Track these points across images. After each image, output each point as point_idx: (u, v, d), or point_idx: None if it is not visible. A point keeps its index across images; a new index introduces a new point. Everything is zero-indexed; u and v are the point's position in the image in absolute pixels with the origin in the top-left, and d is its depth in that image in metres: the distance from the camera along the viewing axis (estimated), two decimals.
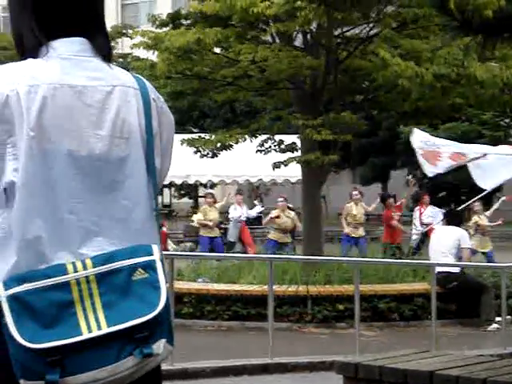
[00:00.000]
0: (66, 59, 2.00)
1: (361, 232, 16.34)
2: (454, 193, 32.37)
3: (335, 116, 12.07)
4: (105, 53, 2.07)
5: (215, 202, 17.95)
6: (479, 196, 14.33)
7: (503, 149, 13.34)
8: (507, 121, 30.44)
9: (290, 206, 17.41)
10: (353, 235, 16.26)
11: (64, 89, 1.97)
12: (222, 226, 19.86)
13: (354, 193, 16.84)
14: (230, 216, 19.08)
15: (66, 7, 2.03)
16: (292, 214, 16.93)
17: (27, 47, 2.04)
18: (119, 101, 2.02)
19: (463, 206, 15.40)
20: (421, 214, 17.71)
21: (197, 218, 17.96)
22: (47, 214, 1.93)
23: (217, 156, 13.48)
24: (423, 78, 10.86)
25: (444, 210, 16.74)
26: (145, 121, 2.05)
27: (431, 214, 17.28)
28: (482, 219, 15.49)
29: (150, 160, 2.05)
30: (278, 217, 16.58)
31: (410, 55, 11.53)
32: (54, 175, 1.94)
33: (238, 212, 18.82)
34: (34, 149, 1.92)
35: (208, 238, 17.10)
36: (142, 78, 2.13)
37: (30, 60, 2.01)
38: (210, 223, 17.06)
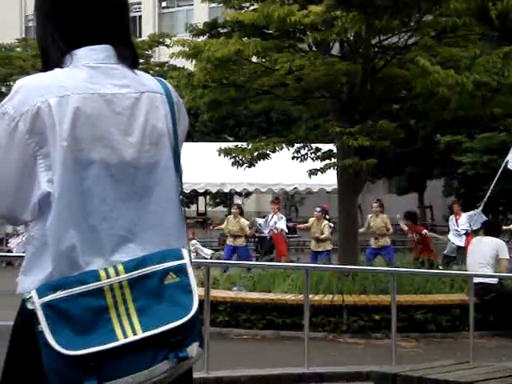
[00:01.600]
0: (93, 68, 2.02)
1: (382, 243, 16.36)
2: (492, 203, 32.05)
3: (372, 124, 12.00)
4: (129, 59, 2.08)
5: (241, 213, 18.20)
6: None
7: None
8: None
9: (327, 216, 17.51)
10: (374, 246, 16.34)
11: (94, 98, 1.99)
12: (257, 234, 19.87)
13: (374, 205, 16.96)
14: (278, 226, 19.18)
15: (88, 16, 2.04)
16: (324, 223, 17.01)
17: (51, 57, 2.05)
18: (147, 107, 2.04)
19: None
20: (456, 220, 17.71)
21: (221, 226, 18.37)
22: (81, 222, 1.94)
23: (254, 165, 13.47)
24: (464, 86, 10.76)
25: (479, 210, 16.64)
26: (172, 126, 2.07)
27: (467, 220, 17.24)
28: None
29: (177, 164, 2.07)
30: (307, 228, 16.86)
31: (449, 64, 11.43)
32: (88, 184, 1.95)
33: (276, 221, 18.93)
34: (68, 159, 1.94)
35: (231, 246, 17.34)
36: (164, 81, 2.14)
37: (57, 70, 2.01)
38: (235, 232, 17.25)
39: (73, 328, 1.83)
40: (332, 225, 17.26)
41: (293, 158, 13.74)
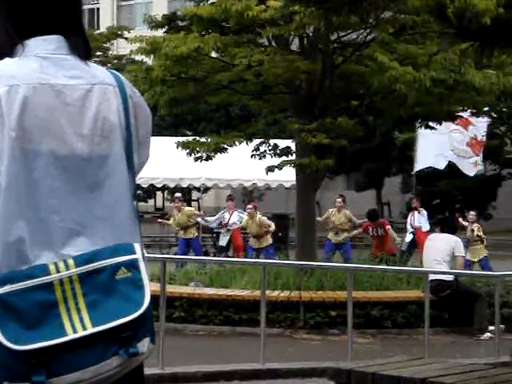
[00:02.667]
0: (44, 58, 1.99)
1: (340, 238, 16.52)
2: (448, 200, 32.40)
3: (331, 121, 12.03)
4: (82, 51, 2.05)
5: (183, 205, 18.33)
6: None
7: None
8: (503, 128, 30.46)
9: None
10: (333, 241, 16.48)
11: (44, 88, 1.96)
12: (215, 230, 19.88)
13: (338, 200, 17.19)
14: (224, 222, 19.24)
15: (41, 6, 2.02)
16: (257, 217, 17.01)
17: (2, 47, 2.02)
18: (99, 99, 2.01)
19: None
20: (412, 219, 18.24)
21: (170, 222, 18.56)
22: (29, 214, 1.91)
23: (211, 159, 13.44)
24: (421, 82, 10.84)
25: (428, 220, 17.15)
26: (124, 118, 2.04)
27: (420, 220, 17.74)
28: (479, 228, 15.71)
29: (130, 158, 2.05)
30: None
31: (407, 60, 11.50)
32: (36, 176, 1.92)
33: (231, 218, 18.97)
34: (16, 150, 1.91)
35: (184, 239, 17.49)
36: (117, 73, 2.11)
37: (7, 59, 1.99)
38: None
39: (21, 322, 1.80)
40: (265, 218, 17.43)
41: (252, 155, 13.73)
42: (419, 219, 18.07)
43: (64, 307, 1.84)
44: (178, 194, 19.37)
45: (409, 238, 18.05)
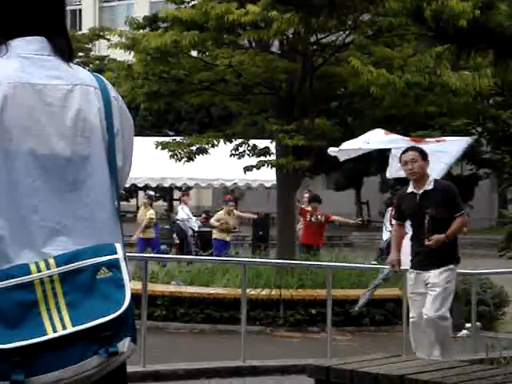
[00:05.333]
0: (26, 58, 1.99)
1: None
2: None
3: (309, 122, 12.15)
4: (64, 52, 2.06)
5: (151, 203, 18.35)
6: None
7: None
8: (479, 129, 30.69)
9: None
10: None
11: (25, 87, 1.95)
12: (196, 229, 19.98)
13: (305, 195, 17.08)
14: (177, 216, 19.33)
15: (24, 8, 2.03)
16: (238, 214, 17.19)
17: None
18: (80, 100, 2.01)
19: None
20: (391, 215, 18.05)
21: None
22: (9, 213, 1.91)
23: (193, 160, 13.51)
24: (395, 85, 10.99)
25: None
26: (106, 120, 2.04)
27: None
28: None
29: (111, 159, 2.04)
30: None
31: (383, 63, 11.64)
32: (16, 175, 1.92)
33: (186, 212, 19.11)
34: None
35: (143, 239, 17.43)
36: (101, 76, 2.12)
37: None
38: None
39: (1, 322, 1.81)
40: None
41: (231, 155, 13.82)
42: None
43: (44, 307, 1.84)
44: (151, 193, 19.47)
45: (387, 235, 18.02)
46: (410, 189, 7.62)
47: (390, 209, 18.65)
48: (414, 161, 7.53)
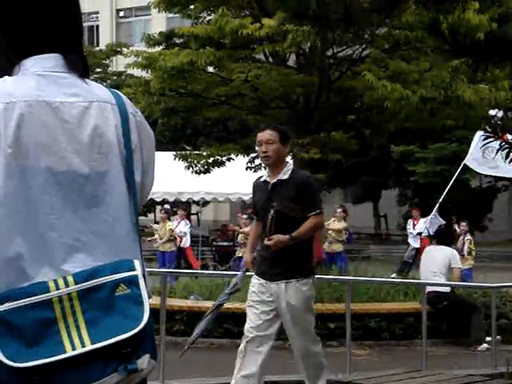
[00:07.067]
0: (42, 76, 2.00)
1: (335, 248, 16.66)
2: (445, 212, 32.45)
3: (325, 135, 12.17)
4: (79, 69, 2.05)
5: (169, 217, 18.51)
6: None
7: None
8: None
9: None
10: (327, 250, 16.55)
11: (41, 105, 1.96)
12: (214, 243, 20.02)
13: (339, 210, 17.53)
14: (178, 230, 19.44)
15: (39, 26, 2.03)
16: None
17: (1, 68, 2.03)
18: (97, 116, 2.00)
19: None
20: (414, 225, 18.18)
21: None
22: (27, 231, 1.91)
23: (209, 172, 13.56)
24: (409, 100, 10.99)
25: (436, 212, 16.97)
26: (123, 136, 2.03)
27: (424, 224, 17.62)
28: (471, 242, 15.84)
29: (129, 175, 2.04)
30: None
31: (398, 77, 11.64)
32: (34, 192, 1.92)
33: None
34: (13, 166, 1.91)
35: (161, 252, 17.68)
36: (118, 92, 2.11)
37: (6, 78, 2.00)
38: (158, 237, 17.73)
39: (20, 340, 1.81)
40: None
41: (247, 168, 13.84)
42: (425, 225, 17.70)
43: (63, 324, 1.83)
44: (167, 206, 19.56)
45: (415, 244, 17.87)
46: (264, 177, 6.23)
47: (410, 220, 18.87)
48: (269, 142, 6.08)
